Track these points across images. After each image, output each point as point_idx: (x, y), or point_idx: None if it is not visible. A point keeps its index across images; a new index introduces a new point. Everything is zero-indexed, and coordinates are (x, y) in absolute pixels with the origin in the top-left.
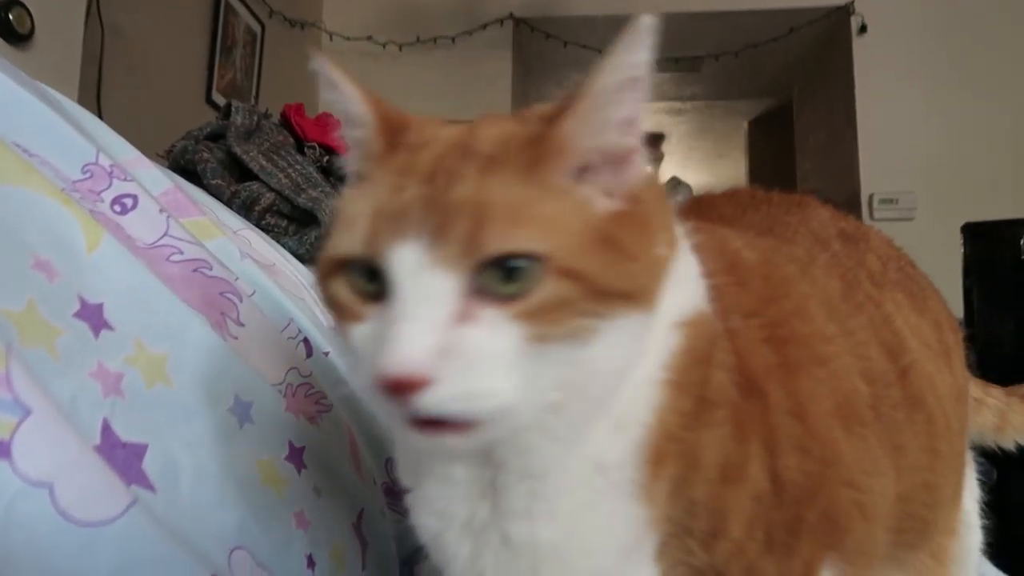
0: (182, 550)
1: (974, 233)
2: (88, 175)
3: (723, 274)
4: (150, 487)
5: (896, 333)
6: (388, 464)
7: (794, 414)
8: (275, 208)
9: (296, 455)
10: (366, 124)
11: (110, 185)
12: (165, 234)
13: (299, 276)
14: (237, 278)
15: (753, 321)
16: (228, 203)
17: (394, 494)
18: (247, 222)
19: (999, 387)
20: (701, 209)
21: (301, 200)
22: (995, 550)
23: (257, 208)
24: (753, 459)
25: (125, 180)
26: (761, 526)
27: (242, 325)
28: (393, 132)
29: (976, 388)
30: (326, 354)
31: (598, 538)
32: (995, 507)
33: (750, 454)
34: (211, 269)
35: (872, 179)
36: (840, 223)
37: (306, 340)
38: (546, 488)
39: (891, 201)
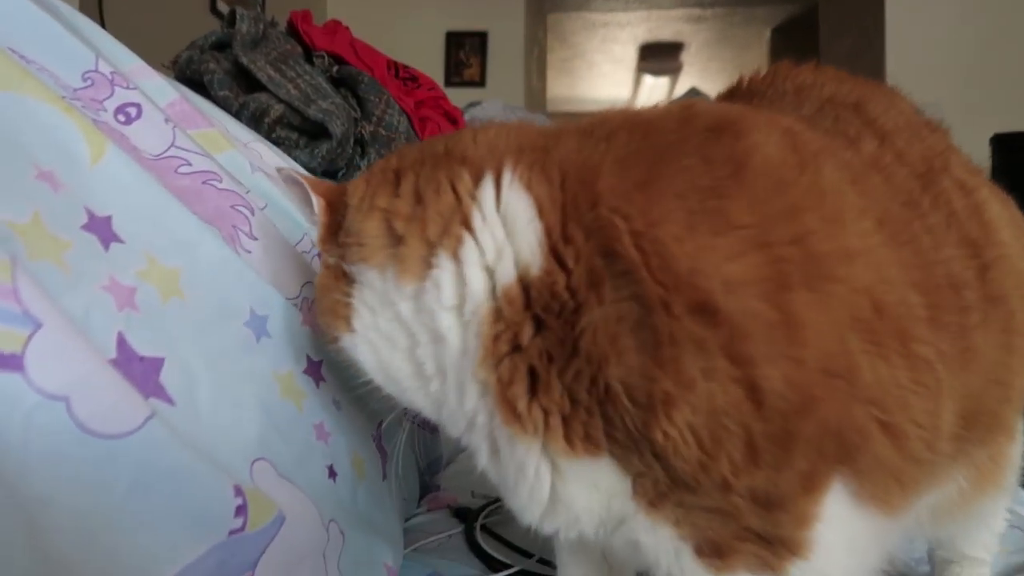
0: (203, 461)
1: (1002, 144)
2: (89, 83)
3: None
4: (169, 400)
5: (986, 225)
6: None
7: (780, 325)
8: (285, 120)
9: (314, 368)
10: None
11: (112, 94)
12: (172, 145)
13: None
14: (248, 191)
15: (732, 236)
16: (237, 115)
17: None
18: (257, 135)
19: None
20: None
21: (311, 112)
22: None
23: (267, 120)
24: (697, 376)
25: (128, 88)
26: (735, 439)
27: (255, 239)
28: None
29: None
30: None
31: None
32: None
33: (683, 371)
34: (221, 182)
35: (900, 87)
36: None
37: (319, 255)
38: None
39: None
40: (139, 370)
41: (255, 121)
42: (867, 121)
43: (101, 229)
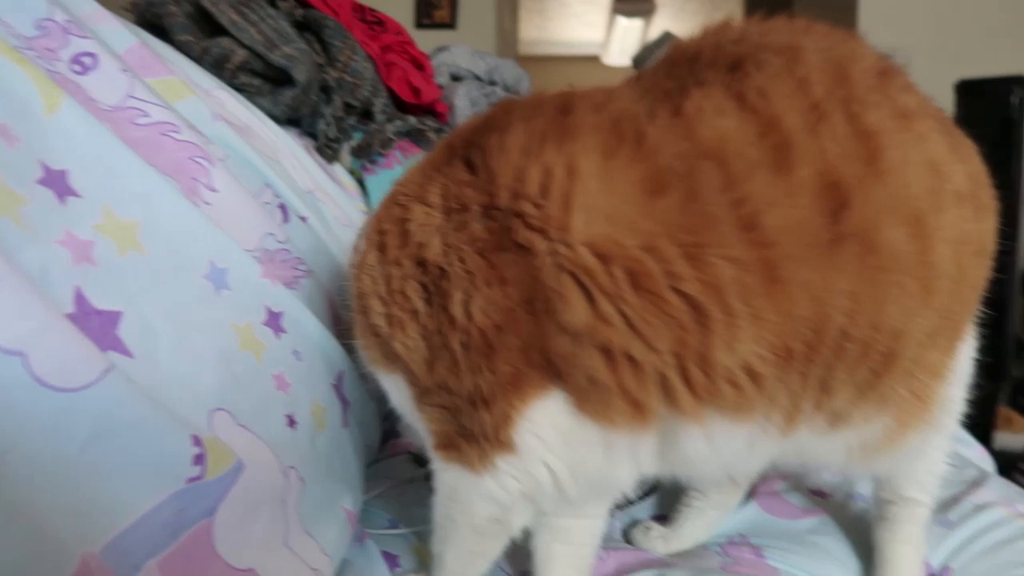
0: (161, 412)
1: (966, 90)
2: (42, 32)
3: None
4: (127, 353)
5: (873, 154)
6: None
7: (482, 269)
8: (248, 66)
9: (274, 320)
10: None
11: (67, 43)
12: (129, 95)
13: (275, 138)
14: (207, 142)
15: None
16: (198, 61)
17: None
18: (219, 81)
19: None
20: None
21: (275, 57)
22: None
23: (229, 66)
24: (421, 300)
25: (83, 37)
26: (446, 350)
27: (215, 191)
28: None
29: None
30: (303, 219)
31: None
32: None
33: (409, 300)
34: (180, 133)
35: (872, 31)
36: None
37: (282, 206)
38: None
39: (887, 56)
40: (97, 324)
41: (217, 67)
42: (746, 76)
43: (57, 183)
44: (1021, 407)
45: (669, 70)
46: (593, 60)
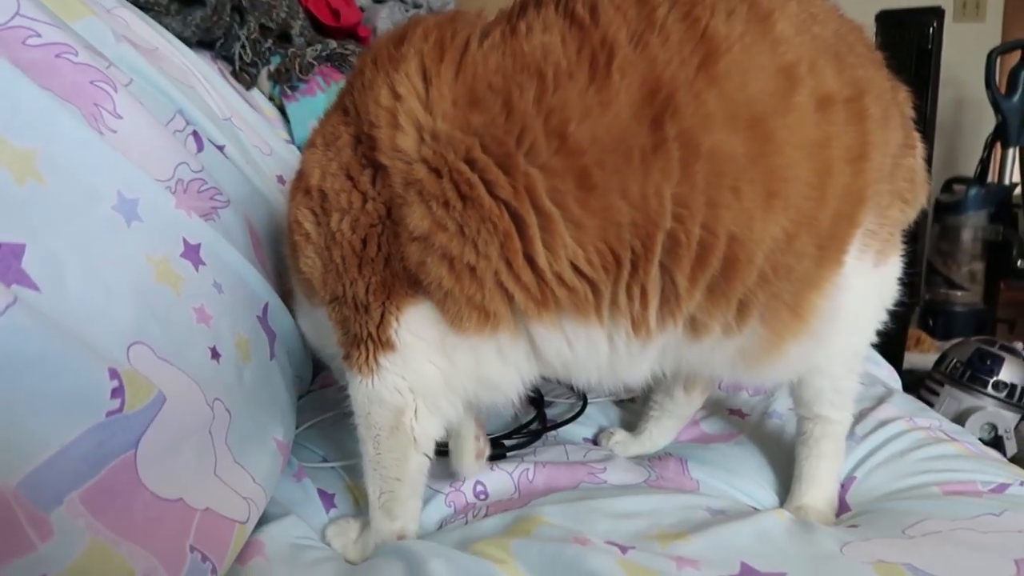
0: (73, 346)
1: (886, 20)
2: None
3: None
4: (34, 286)
5: (707, 59)
6: None
7: (345, 190)
8: None
9: (192, 252)
10: None
11: None
12: (16, 14)
13: (186, 62)
14: (109, 65)
15: None
16: None
17: None
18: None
19: None
20: None
21: None
22: None
23: None
24: (310, 223)
25: None
26: (331, 263)
27: (120, 117)
28: None
29: None
30: (220, 148)
31: None
32: None
33: (301, 225)
34: (77, 55)
35: None
36: None
37: (196, 133)
38: None
39: None
40: None
41: None
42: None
43: None
44: (930, 328)
45: None
46: None
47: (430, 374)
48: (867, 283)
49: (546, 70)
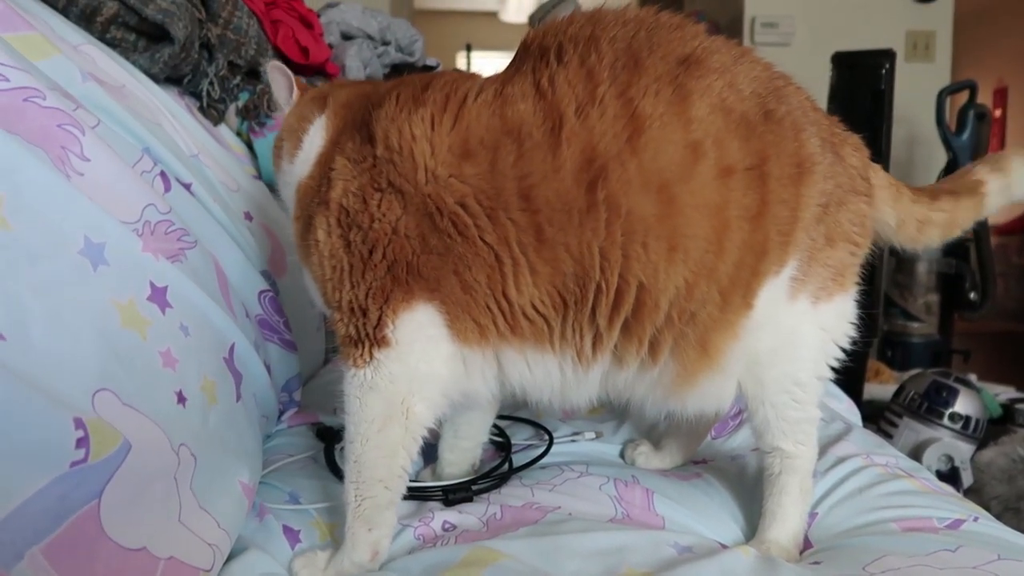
0: (38, 395)
1: (841, 62)
2: None
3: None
4: None
5: (635, 134)
6: (262, 297)
7: (359, 210)
8: (120, 20)
9: (159, 295)
10: None
11: None
12: None
13: (153, 98)
14: (77, 107)
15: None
16: (64, 12)
17: (270, 327)
18: (88, 35)
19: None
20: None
21: (150, 12)
22: None
23: (99, 19)
24: (323, 231)
25: None
26: (336, 269)
27: (87, 160)
28: None
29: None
30: (187, 186)
31: None
32: None
33: (317, 226)
34: (45, 99)
35: (757, 5)
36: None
37: (163, 173)
38: None
39: (772, 25)
40: None
41: (85, 20)
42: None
43: None
44: (888, 359)
45: (519, 56)
46: (491, 16)
47: (423, 369)
48: (802, 321)
49: (522, 136)
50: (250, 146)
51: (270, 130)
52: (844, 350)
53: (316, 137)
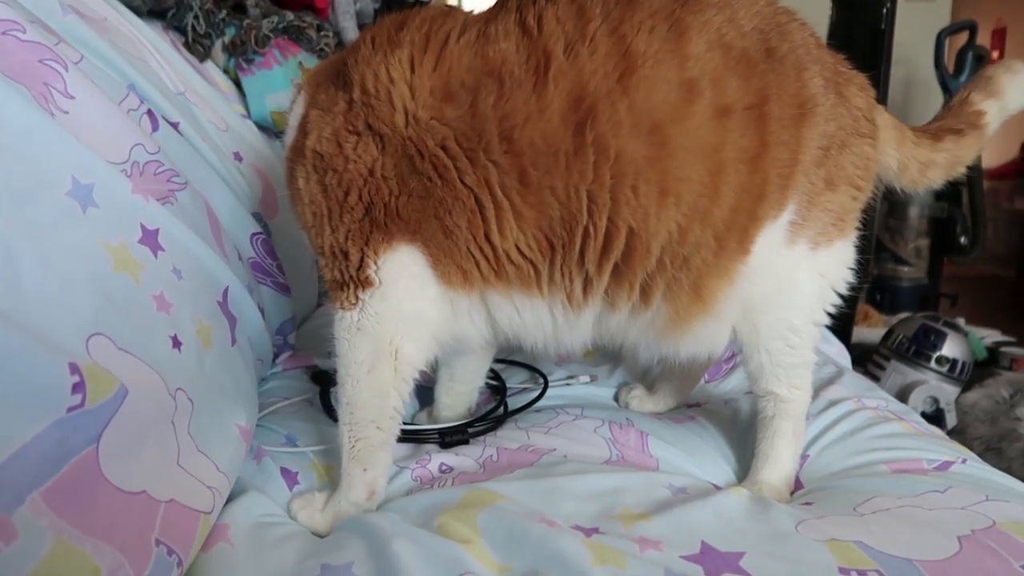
0: (31, 342)
1: (841, 2)
2: None
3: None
4: None
5: (626, 73)
6: (255, 239)
7: (335, 155)
8: None
9: (150, 237)
10: None
11: None
12: None
13: (137, 33)
14: (59, 41)
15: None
16: None
17: (263, 269)
18: None
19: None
20: None
21: None
22: None
23: None
24: (302, 179)
25: None
26: (318, 214)
27: (71, 97)
28: None
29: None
30: (174, 125)
31: None
32: None
33: (297, 175)
34: (24, 32)
35: None
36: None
37: (150, 112)
38: None
39: None
40: None
41: None
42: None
43: None
44: (877, 303)
45: None
46: None
47: (408, 308)
48: (799, 267)
49: (504, 76)
50: (237, 84)
51: (258, 67)
52: (840, 295)
53: (297, 109)
